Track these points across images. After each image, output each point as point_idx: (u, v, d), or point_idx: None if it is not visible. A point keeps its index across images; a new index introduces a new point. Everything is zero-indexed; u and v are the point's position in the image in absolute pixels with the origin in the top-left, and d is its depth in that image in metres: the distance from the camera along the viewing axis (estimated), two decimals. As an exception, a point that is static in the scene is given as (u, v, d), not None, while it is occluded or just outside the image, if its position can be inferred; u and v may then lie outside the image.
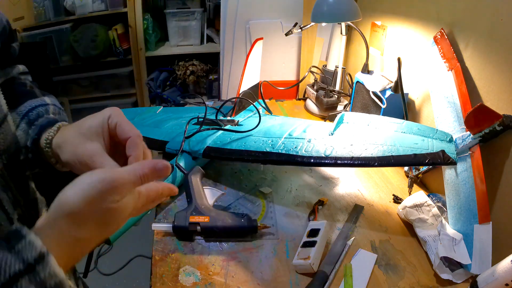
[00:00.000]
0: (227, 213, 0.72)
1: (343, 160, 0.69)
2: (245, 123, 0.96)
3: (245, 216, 0.70)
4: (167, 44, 2.45)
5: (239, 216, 0.71)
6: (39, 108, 0.48)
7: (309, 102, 1.33)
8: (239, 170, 0.95)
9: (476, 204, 0.64)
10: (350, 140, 0.74)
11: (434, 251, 0.65)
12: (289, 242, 0.71)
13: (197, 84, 2.48)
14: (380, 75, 1.01)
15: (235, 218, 0.70)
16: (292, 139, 0.80)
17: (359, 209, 0.80)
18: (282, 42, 1.46)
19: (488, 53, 0.69)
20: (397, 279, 0.63)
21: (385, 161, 0.67)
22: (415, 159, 0.66)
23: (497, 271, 0.53)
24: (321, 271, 0.62)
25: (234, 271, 0.64)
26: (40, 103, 0.49)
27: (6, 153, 0.38)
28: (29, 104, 0.48)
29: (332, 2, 1.03)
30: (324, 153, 0.72)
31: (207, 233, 0.70)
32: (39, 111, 0.48)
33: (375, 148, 0.70)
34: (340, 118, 0.83)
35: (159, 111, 1.14)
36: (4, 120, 0.39)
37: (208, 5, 2.37)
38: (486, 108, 0.65)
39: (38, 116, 0.47)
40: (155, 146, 0.91)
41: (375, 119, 0.81)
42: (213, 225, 0.69)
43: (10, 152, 0.39)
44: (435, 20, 0.86)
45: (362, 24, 1.22)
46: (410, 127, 0.75)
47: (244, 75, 1.00)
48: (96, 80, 2.40)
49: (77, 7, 2.14)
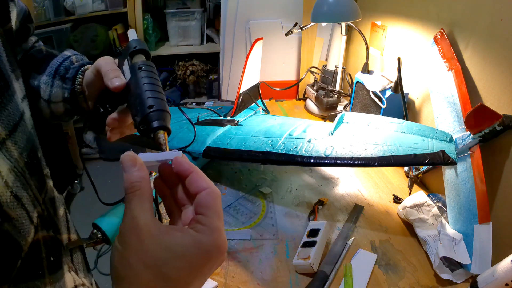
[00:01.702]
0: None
1: (343, 160, 0.69)
2: (245, 123, 0.96)
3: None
4: (167, 44, 2.45)
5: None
6: (64, 63, 0.53)
7: (309, 102, 1.33)
8: (239, 170, 0.95)
9: (476, 204, 0.64)
10: (350, 140, 0.74)
11: (434, 251, 0.65)
12: (289, 242, 0.71)
13: (197, 84, 2.48)
14: (380, 75, 1.01)
15: None
16: (292, 139, 0.80)
17: (359, 209, 0.80)
18: (282, 42, 1.46)
19: (488, 53, 0.69)
20: (397, 279, 0.63)
21: (385, 161, 0.67)
22: (415, 159, 0.66)
23: (497, 271, 0.53)
24: (321, 271, 0.62)
25: (234, 271, 0.64)
26: (63, 58, 0.54)
27: (25, 151, 0.38)
28: (54, 63, 0.53)
29: (332, 2, 1.03)
30: (324, 153, 0.72)
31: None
32: (65, 65, 0.53)
33: (375, 148, 0.70)
34: (340, 118, 0.83)
35: None
36: (21, 118, 0.39)
37: (208, 5, 2.37)
38: (486, 108, 0.65)
39: (66, 69, 0.52)
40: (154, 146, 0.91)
41: (375, 119, 0.81)
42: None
43: (28, 150, 0.39)
44: (435, 20, 0.86)
45: (362, 24, 1.22)
46: (410, 127, 0.75)
47: (244, 75, 1.00)
48: (96, 80, 2.40)
49: (77, 7, 2.14)
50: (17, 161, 0.36)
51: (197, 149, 0.85)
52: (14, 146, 0.36)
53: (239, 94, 1.00)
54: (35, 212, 0.38)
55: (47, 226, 0.40)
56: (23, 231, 0.34)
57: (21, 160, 0.37)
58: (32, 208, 0.37)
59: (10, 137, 0.36)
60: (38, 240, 0.37)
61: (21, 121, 0.39)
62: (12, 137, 0.36)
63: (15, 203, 0.34)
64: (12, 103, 0.37)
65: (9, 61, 0.38)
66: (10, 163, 0.35)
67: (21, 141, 0.38)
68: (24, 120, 0.40)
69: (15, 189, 0.34)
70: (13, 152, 0.36)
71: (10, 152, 0.35)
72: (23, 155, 0.38)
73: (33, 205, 0.37)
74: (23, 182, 0.36)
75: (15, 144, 0.36)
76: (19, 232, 0.33)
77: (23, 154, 0.38)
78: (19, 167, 0.36)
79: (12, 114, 0.37)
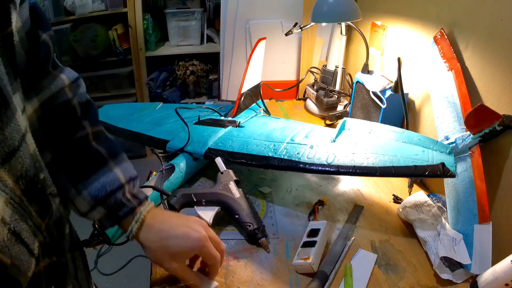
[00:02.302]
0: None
1: (346, 169, 0.69)
2: (246, 125, 0.96)
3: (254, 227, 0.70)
4: (167, 44, 2.45)
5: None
6: (117, 195, 0.48)
7: (309, 102, 1.33)
8: (239, 170, 0.95)
9: (476, 204, 0.64)
10: (352, 148, 0.74)
11: (434, 251, 0.65)
12: (289, 242, 0.71)
13: (197, 84, 2.49)
14: (380, 75, 1.01)
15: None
16: (295, 145, 0.79)
17: (359, 209, 0.80)
18: (282, 42, 1.46)
19: (488, 53, 0.69)
20: (397, 279, 0.63)
21: (386, 172, 0.67)
22: (415, 170, 0.66)
23: (497, 271, 0.53)
24: (321, 271, 0.62)
25: (234, 271, 0.64)
26: (114, 184, 0.48)
27: (24, 178, 0.35)
28: (101, 184, 0.47)
29: (332, 2, 1.03)
30: (326, 161, 0.72)
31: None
32: (117, 198, 0.48)
33: (376, 158, 0.69)
34: (342, 125, 0.83)
35: (159, 107, 1.14)
36: (22, 140, 0.35)
37: (208, 5, 2.37)
38: (486, 108, 0.65)
39: (116, 203, 0.48)
40: (155, 145, 0.91)
41: (376, 127, 0.80)
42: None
43: (30, 176, 0.36)
44: (435, 20, 0.86)
45: (362, 24, 1.22)
46: (411, 137, 0.75)
47: (246, 75, 1.00)
48: (96, 80, 2.40)
49: (77, 7, 2.14)
50: (13, 190, 0.33)
51: (198, 150, 0.85)
52: (7, 174, 0.33)
53: (240, 94, 0.99)
54: (36, 242, 0.36)
55: (50, 252, 0.38)
56: (23, 268, 0.32)
57: (17, 189, 0.34)
58: (33, 240, 0.35)
59: (3, 165, 0.33)
60: (39, 272, 0.35)
61: (22, 144, 0.35)
62: (6, 165, 0.33)
63: (13, 240, 0.32)
64: (12, 125, 0.34)
65: (7, 73, 0.34)
66: (5, 194, 0.32)
67: (18, 168, 0.35)
68: (26, 142, 0.36)
69: (14, 223, 0.32)
70: (7, 181, 0.33)
71: (4, 182, 0.32)
72: (19, 182, 0.35)
73: (34, 235, 0.35)
74: (21, 213, 0.34)
75: (9, 172, 0.33)
76: (19, 270, 0.31)
77: (19, 182, 0.35)
78: (16, 196, 0.33)
79: (10, 138, 0.33)
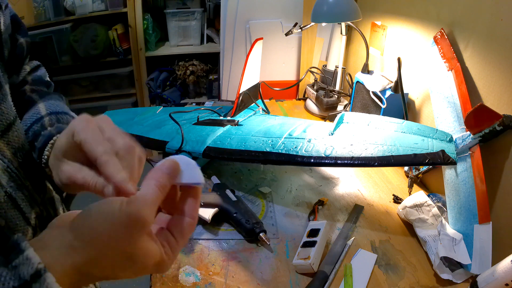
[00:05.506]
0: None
1: (343, 160, 0.69)
2: (245, 123, 0.96)
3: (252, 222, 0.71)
4: (167, 44, 2.45)
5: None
6: (34, 127, 0.44)
7: (309, 102, 1.33)
8: (239, 170, 0.95)
9: (476, 204, 0.64)
10: (350, 140, 0.74)
11: (434, 251, 0.65)
12: (289, 242, 0.71)
13: (197, 84, 2.48)
14: (380, 75, 1.01)
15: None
16: (292, 139, 0.80)
17: (359, 209, 0.80)
18: (282, 42, 1.46)
19: (488, 53, 0.69)
20: (397, 279, 0.63)
21: (385, 161, 0.67)
22: (415, 159, 0.66)
23: (497, 271, 0.53)
24: (321, 271, 0.62)
25: (234, 271, 0.64)
26: (35, 117, 0.45)
27: (21, 151, 0.38)
28: (25, 122, 0.45)
29: (332, 2, 1.03)
30: (324, 153, 0.72)
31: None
32: (35, 130, 0.44)
33: (375, 148, 0.70)
34: (340, 118, 0.83)
35: (159, 111, 1.14)
36: (16, 117, 0.38)
37: (208, 5, 2.37)
38: (486, 108, 0.65)
39: (35, 136, 0.43)
40: (155, 146, 0.91)
41: (375, 119, 0.81)
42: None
43: (24, 151, 0.39)
44: (435, 20, 0.86)
45: (362, 24, 1.22)
46: (410, 127, 0.75)
47: (244, 75, 1.00)
48: (96, 80, 2.40)
49: (77, 7, 2.14)
50: (11, 161, 0.36)
51: (197, 149, 0.85)
52: (6, 146, 0.35)
53: (239, 94, 1.00)
54: (33, 213, 0.37)
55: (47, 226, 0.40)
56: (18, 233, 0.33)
57: (15, 161, 0.36)
58: (29, 209, 0.36)
59: (3, 137, 0.35)
60: None
61: (15, 121, 0.38)
62: (5, 137, 0.35)
63: (9, 203, 0.33)
64: (6, 103, 0.37)
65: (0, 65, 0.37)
66: (3, 163, 0.34)
67: (15, 141, 0.37)
68: (18, 119, 0.39)
69: (10, 189, 0.34)
70: (6, 152, 0.35)
71: (3, 152, 0.35)
72: (17, 155, 0.37)
73: (30, 205, 0.37)
74: (18, 183, 0.35)
75: (8, 144, 0.36)
76: (14, 233, 0.32)
77: (17, 155, 0.37)
78: (13, 167, 0.36)
79: (6, 113, 0.36)
